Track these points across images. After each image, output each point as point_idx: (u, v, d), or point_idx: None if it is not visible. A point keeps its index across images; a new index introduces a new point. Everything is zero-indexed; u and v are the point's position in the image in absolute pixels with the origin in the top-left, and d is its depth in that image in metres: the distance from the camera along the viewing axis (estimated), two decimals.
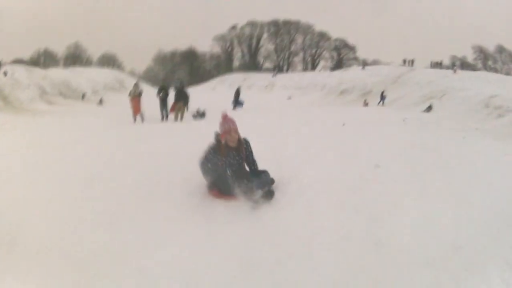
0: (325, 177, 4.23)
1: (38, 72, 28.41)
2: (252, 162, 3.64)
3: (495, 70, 48.73)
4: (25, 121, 14.23)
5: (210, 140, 3.59)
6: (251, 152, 3.62)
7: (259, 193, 3.31)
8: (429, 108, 17.99)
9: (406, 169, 4.91)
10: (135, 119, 12.02)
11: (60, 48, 56.44)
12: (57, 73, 30.26)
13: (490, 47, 52.86)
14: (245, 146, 3.55)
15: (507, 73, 47.92)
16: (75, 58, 56.19)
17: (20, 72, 25.65)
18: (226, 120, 3.47)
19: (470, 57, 54.01)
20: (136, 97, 12.07)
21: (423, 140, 7.94)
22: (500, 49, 52.43)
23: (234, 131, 3.42)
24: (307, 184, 3.98)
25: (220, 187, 3.41)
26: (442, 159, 5.85)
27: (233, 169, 3.42)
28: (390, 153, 5.90)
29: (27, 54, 52.90)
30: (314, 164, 4.75)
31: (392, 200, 3.55)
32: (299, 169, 4.52)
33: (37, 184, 4.19)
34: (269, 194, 3.41)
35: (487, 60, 53.39)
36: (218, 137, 3.47)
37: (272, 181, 3.58)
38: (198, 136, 7.43)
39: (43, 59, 55.40)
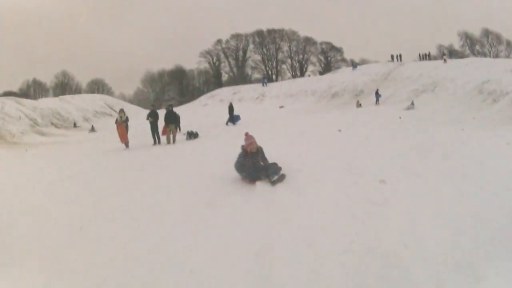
0: (331, 207, 3.97)
1: (28, 103, 27.96)
2: (266, 160, 5.35)
3: (484, 54, 48.87)
4: (17, 155, 13.86)
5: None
6: (264, 154, 5.37)
7: (274, 177, 4.96)
8: (412, 105, 17.76)
9: (412, 181, 4.69)
10: (126, 145, 11.77)
11: (48, 78, 56.48)
12: (47, 103, 29.76)
13: (476, 31, 53.18)
14: (261, 150, 5.34)
15: (496, 56, 48.20)
16: (64, 85, 55.94)
17: (10, 104, 25.27)
18: (248, 137, 5.33)
19: (457, 45, 54.27)
20: (122, 123, 11.82)
21: (423, 141, 7.68)
22: (486, 33, 52.66)
23: (254, 142, 5.25)
24: (309, 219, 3.72)
25: (249, 177, 5.11)
26: (447, 162, 5.62)
27: (255, 166, 5.16)
28: (392, 162, 5.69)
29: (16, 86, 52.99)
30: (320, 193, 4.47)
31: (405, 229, 3.29)
32: (301, 200, 4.30)
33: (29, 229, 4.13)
34: (281, 177, 5.01)
35: (474, 45, 53.57)
36: (243, 147, 5.26)
37: (280, 168, 5.14)
38: (194, 161, 7.21)
39: (33, 90, 55.19)
